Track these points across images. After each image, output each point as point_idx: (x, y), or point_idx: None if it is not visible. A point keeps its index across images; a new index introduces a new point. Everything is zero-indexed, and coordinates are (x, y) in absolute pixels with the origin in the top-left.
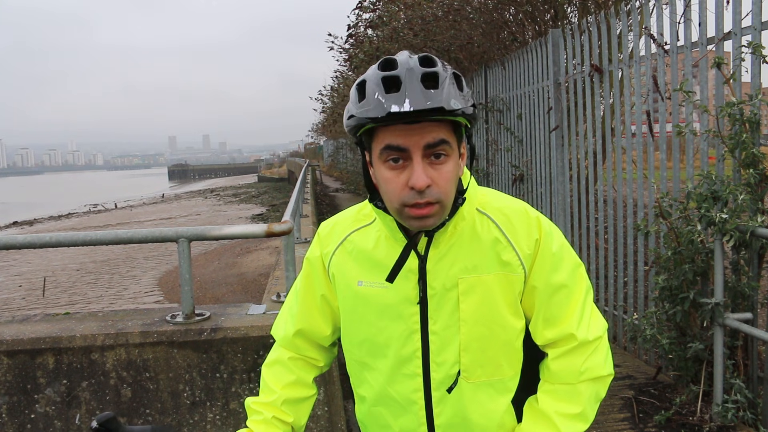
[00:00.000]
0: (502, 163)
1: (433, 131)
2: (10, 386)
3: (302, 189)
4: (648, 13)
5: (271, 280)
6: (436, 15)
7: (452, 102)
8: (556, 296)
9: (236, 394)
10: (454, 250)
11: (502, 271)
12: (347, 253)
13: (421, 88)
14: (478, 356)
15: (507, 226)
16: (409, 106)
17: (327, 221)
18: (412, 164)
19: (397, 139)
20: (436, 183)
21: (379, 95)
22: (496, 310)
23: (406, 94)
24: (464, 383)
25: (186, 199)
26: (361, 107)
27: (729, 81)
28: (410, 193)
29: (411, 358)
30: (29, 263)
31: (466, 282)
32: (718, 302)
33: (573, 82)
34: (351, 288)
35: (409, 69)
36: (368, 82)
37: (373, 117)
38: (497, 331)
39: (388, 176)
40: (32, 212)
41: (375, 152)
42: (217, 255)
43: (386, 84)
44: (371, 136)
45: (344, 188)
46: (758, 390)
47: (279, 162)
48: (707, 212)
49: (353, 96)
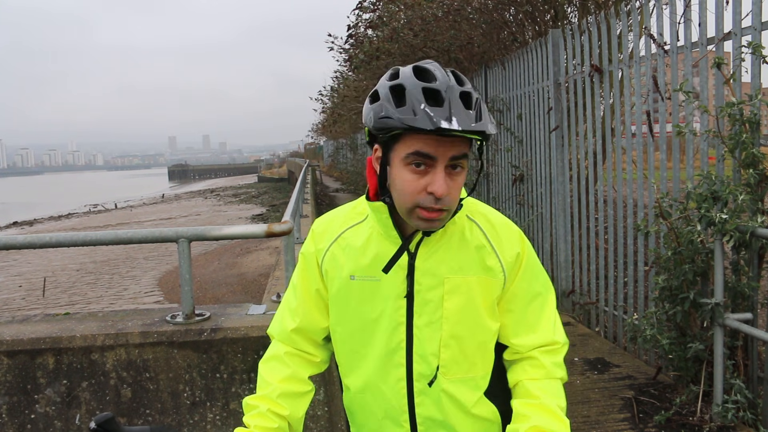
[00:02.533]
0: (502, 164)
1: (460, 145)
2: (10, 386)
3: (302, 189)
4: (648, 13)
5: (271, 280)
6: (436, 15)
7: (490, 127)
8: (534, 303)
9: (236, 395)
10: (443, 250)
11: (485, 275)
12: (341, 249)
13: (463, 108)
14: (456, 353)
15: (492, 234)
16: (457, 125)
17: (321, 218)
18: (435, 171)
19: (429, 148)
20: (450, 193)
21: (425, 108)
22: (476, 311)
23: (452, 112)
24: (443, 379)
25: (186, 200)
26: (403, 113)
27: (729, 81)
28: (428, 197)
29: (396, 350)
30: (29, 263)
31: (452, 282)
32: (718, 302)
33: (573, 83)
34: (344, 282)
35: (449, 86)
36: (407, 88)
37: (420, 127)
38: (476, 331)
39: (409, 178)
40: (32, 212)
41: (399, 153)
42: (217, 255)
43: (427, 95)
44: (397, 139)
45: (344, 188)
46: (758, 390)
47: (279, 162)
48: (707, 212)
49: (388, 98)
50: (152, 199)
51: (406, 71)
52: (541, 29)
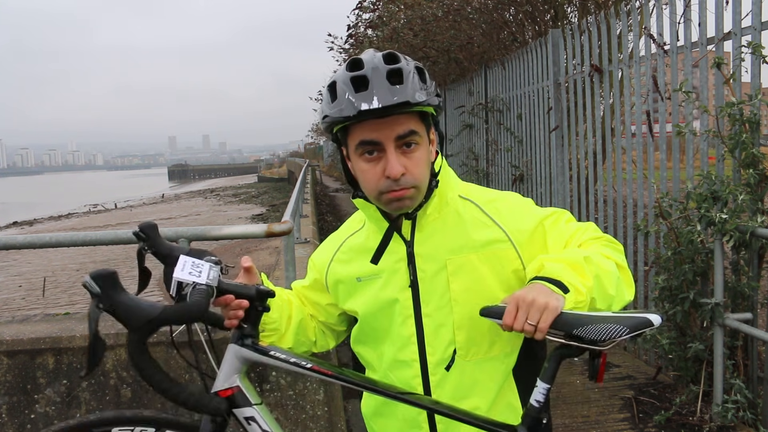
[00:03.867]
0: (502, 164)
1: (403, 123)
2: (10, 386)
3: (302, 189)
4: (648, 13)
5: (271, 280)
6: (436, 15)
7: (417, 95)
8: (554, 228)
9: None
10: (439, 233)
11: (488, 249)
12: (344, 256)
13: (387, 85)
14: (472, 334)
15: (489, 207)
16: (377, 103)
17: (317, 249)
18: (386, 155)
19: (370, 134)
20: (409, 171)
21: (349, 95)
22: (486, 287)
23: (374, 92)
24: (461, 361)
25: (186, 200)
26: (334, 107)
27: (729, 81)
28: (387, 181)
29: (407, 344)
30: (29, 263)
31: (454, 263)
32: (718, 302)
33: (573, 83)
34: (352, 286)
35: (374, 68)
36: (338, 82)
37: (346, 116)
38: None
39: (365, 168)
40: (32, 212)
41: (351, 147)
42: (217, 255)
43: (355, 83)
44: (346, 133)
45: (344, 188)
46: (758, 390)
47: (279, 162)
48: (707, 212)
49: (326, 97)
50: (152, 199)
51: (342, 67)
52: (541, 29)
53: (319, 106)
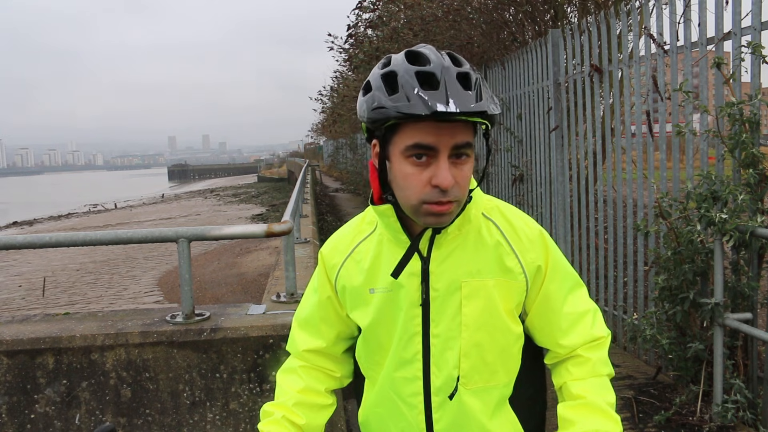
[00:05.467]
0: (502, 163)
1: (462, 132)
2: (10, 386)
3: (302, 189)
4: (648, 13)
5: (271, 280)
6: (436, 15)
7: (492, 107)
8: (569, 301)
9: (236, 395)
10: (458, 252)
11: (504, 278)
12: (356, 263)
13: (460, 89)
14: (477, 363)
15: (511, 234)
16: (455, 107)
17: (328, 240)
18: (438, 162)
19: (428, 137)
20: (458, 183)
21: (419, 91)
22: (498, 315)
23: (447, 94)
24: (462, 390)
25: (186, 199)
26: (395, 101)
27: (729, 81)
28: (433, 191)
29: (412, 361)
30: (29, 263)
31: (470, 285)
32: (718, 302)
33: (573, 82)
34: (363, 297)
35: (445, 67)
36: (400, 74)
37: (415, 113)
38: (497, 336)
39: (410, 172)
40: (32, 212)
41: (398, 146)
42: (217, 255)
43: (420, 79)
44: (394, 130)
45: (344, 188)
46: (758, 390)
47: (279, 162)
48: (707, 212)
49: (380, 87)
50: (152, 199)
51: (398, 57)
52: (540, 29)
53: (318, 106)
